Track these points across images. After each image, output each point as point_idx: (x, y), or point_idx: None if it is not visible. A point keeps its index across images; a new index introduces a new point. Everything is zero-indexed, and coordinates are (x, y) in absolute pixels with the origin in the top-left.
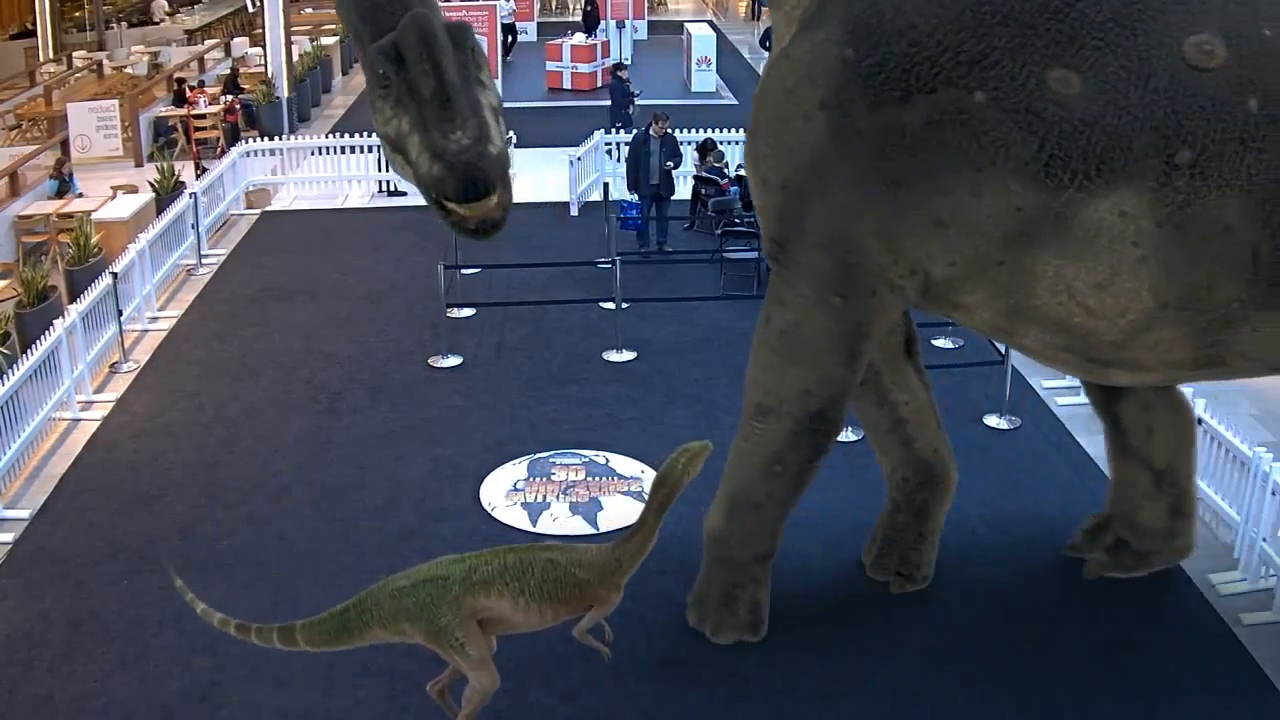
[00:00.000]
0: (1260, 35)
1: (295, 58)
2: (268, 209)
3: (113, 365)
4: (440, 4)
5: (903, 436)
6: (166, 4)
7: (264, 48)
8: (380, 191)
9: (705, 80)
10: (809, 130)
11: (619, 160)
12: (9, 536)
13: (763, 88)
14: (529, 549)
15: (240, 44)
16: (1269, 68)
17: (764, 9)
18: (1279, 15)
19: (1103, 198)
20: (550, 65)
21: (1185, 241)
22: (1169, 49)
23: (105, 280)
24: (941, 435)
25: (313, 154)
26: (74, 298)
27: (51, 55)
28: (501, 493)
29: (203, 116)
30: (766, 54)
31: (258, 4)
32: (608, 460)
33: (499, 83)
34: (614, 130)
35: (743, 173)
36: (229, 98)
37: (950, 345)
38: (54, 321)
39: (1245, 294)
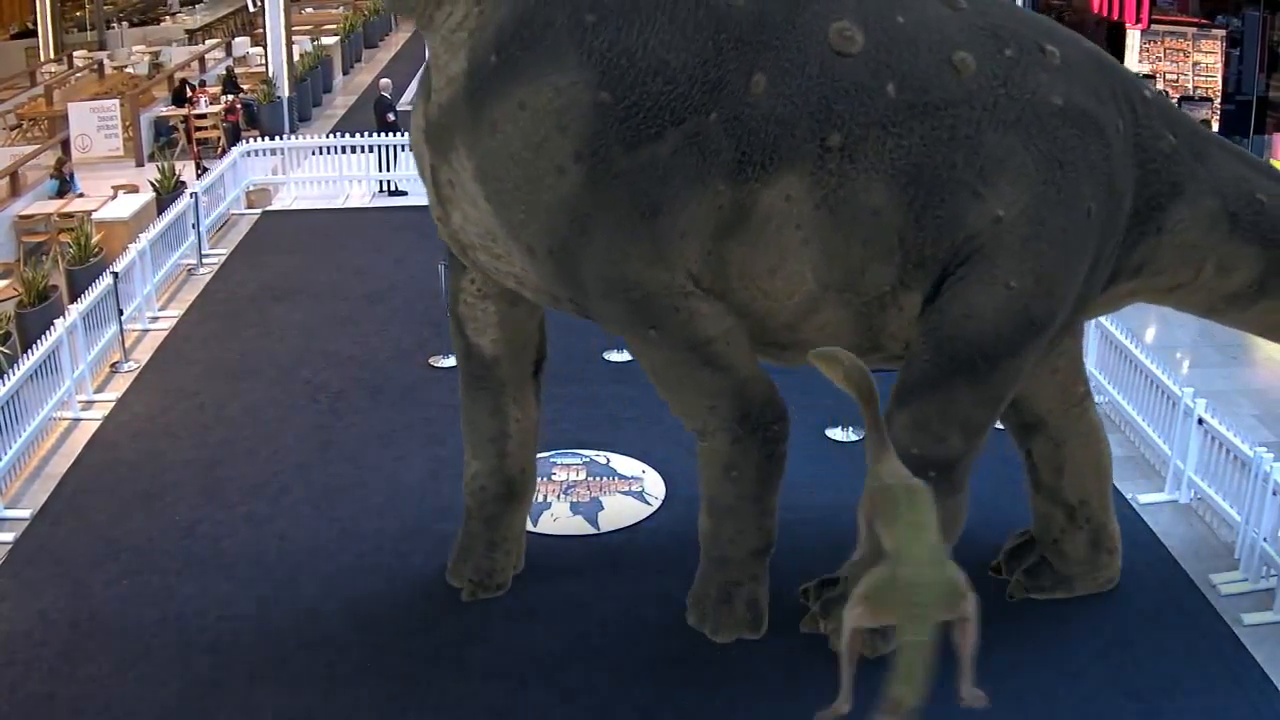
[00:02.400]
0: (895, 22)
1: (296, 57)
2: (268, 209)
3: (113, 365)
4: None
5: (501, 449)
6: (178, 2)
7: (265, 47)
8: (381, 191)
9: None
10: (563, 185)
11: None
12: (9, 536)
13: (504, 143)
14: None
15: (241, 43)
16: (903, 54)
17: None
18: (911, 4)
19: (773, 184)
20: None
21: (839, 224)
22: (819, 37)
23: (106, 280)
24: (534, 455)
25: (313, 154)
26: (75, 297)
27: (52, 55)
28: None
29: (203, 116)
30: None
31: (259, 3)
32: (608, 460)
33: None
34: None
35: None
36: (230, 97)
37: None
38: (55, 321)
39: (896, 277)
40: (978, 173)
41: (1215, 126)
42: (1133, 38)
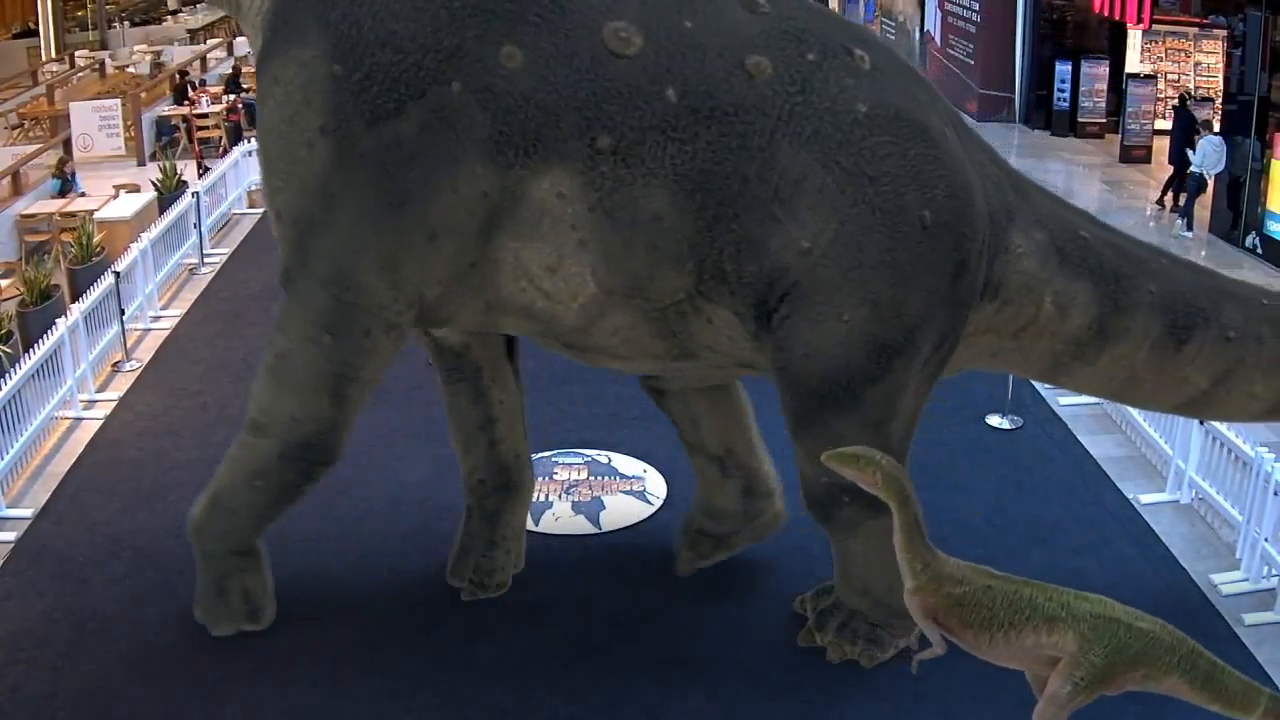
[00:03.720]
0: (682, 27)
1: None
2: None
3: (115, 364)
4: None
5: (491, 437)
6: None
7: None
8: None
9: None
10: (314, 159)
11: None
12: (12, 535)
13: (265, 118)
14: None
15: (243, 43)
16: (688, 58)
17: None
18: (703, 9)
19: (542, 176)
20: None
21: (617, 228)
22: (591, 31)
23: (108, 279)
24: (525, 442)
25: None
26: (76, 297)
27: (54, 54)
28: None
29: (205, 115)
30: None
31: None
32: (610, 459)
33: None
34: None
35: None
36: (231, 97)
37: None
38: (56, 321)
39: (691, 285)
40: (773, 192)
41: (1217, 126)
42: (1134, 38)
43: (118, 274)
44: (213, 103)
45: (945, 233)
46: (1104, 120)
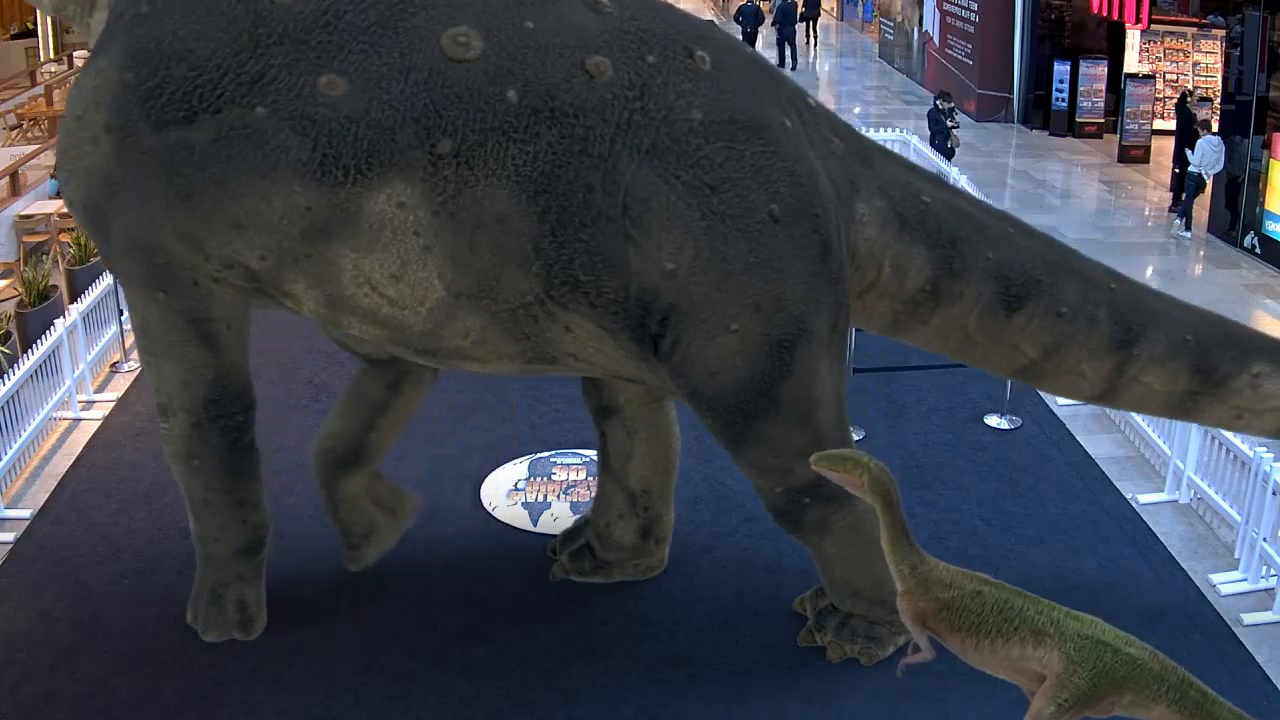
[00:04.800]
0: (523, 28)
1: None
2: None
3: (114, 365)
4: None
5: (372, 422)
6: None
7: None
8: None
9: None
10: (98, 153)
11: None
12: (10, 536)
13: (64, 117)
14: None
15: None
16: (529, 59)
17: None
18: (546, 10)
19: (378, 191)
20: None
21: (462, 231)
22: (429, 43)
23: (106, 280)
24: (393, 442)
25: None
26: (75, 297)
27: (52, 55)
28: (502, 492)
29: None
30: (742, 33)
31: None
32: None
33: None
34: None
35: None
36: None
37: None
38: (55, 321)
39: (540, 288)
40: (622, 209)
41: (1215, 126)
42: (1132, 37)
43: None
44: None
45: (798, 219)
46: (1102, 120)
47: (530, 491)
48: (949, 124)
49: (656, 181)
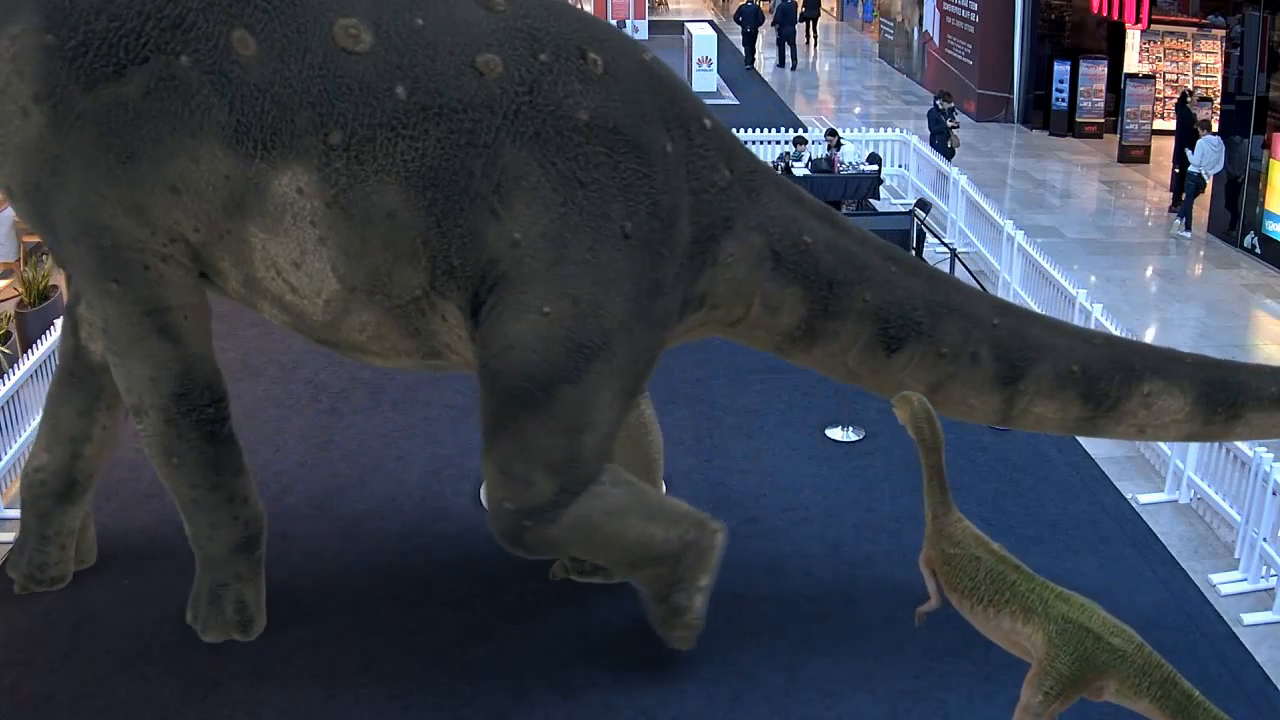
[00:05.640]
0: (413, 25)
1: None
2: None
3: None
4: None
5: (77, 451)
6: None
7: None
8: None
9: (706, 80)
10: (29, 126)
11: None
12: (10, 536)
13: None
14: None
15: None
16: (418, 56)
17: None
18: (436, 7)
19: (282, 171)
20: None
21: (353, 224)
22: (323, 26)
23: None
24: (102, 464)
25: None
26: None
27: None
28: None
29: None
30: (742, 32)
31: None
32: None
33: None
34: None
35: None
36: None
37: None
38: (55, 321)
39: (426, 282)
40: (494, 188)
41: (1215, 126)
42: (1132, 37)
43: None
44: None
45: (645, 250)
46: (1102, 120)
47: None
48: (949, 124)
49: (533, 164)
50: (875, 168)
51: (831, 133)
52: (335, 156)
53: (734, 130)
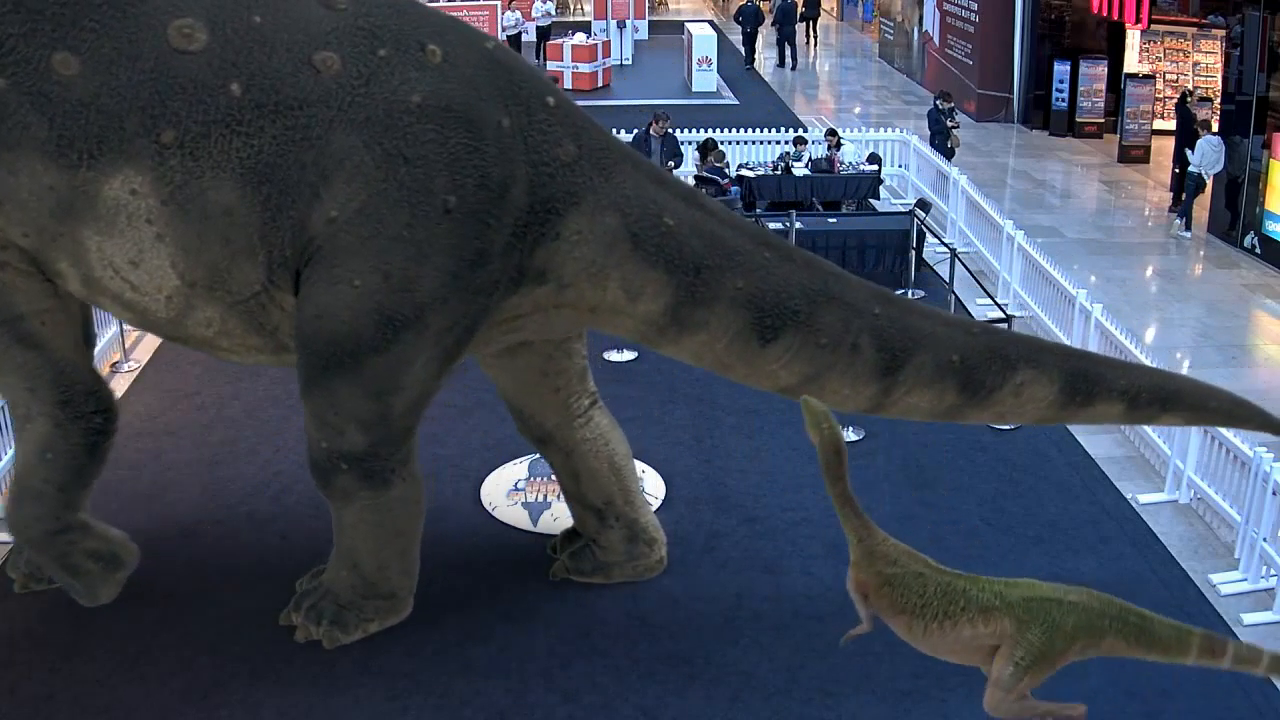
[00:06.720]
0: (251, 22)
1: None
2: None
3: (113, 365)
4: (442, 4)
5: None
6: None
7: None
8: None
9: (706, 80)
10: None
11: None
12: (10, 536)
13: None
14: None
15: None
16: (254, 53)
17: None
18: (275, 6)
19: (112, 176)
20: (551, 65)
21: (190, 221)
22: (156, 31)
23: None
24: None
25: None
26: None
27: None
28: (502, 492)
29: None
30: (741, 32)
31: None
32: None
33: None
34: (615, 131)
35: (745, 172)
36: None
37: None
38: None
39: (265, 276)
40: (320, 173)
41: (1215, 126)
42: (1132, 37)
43: None
44: None
45: (468, 220)
46: (1102, 120)
47: (530, 491)
48: (949, 124)
49: (358, 146)
50: (875, 168)
51: (831, 133)
52: (169, 155)
53: (733, 130)
